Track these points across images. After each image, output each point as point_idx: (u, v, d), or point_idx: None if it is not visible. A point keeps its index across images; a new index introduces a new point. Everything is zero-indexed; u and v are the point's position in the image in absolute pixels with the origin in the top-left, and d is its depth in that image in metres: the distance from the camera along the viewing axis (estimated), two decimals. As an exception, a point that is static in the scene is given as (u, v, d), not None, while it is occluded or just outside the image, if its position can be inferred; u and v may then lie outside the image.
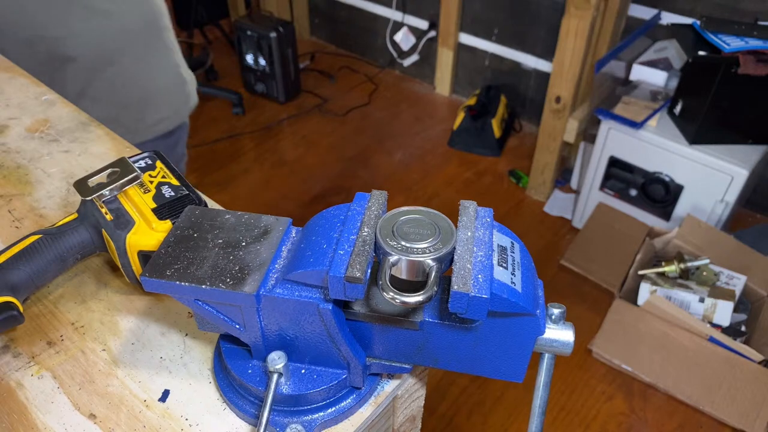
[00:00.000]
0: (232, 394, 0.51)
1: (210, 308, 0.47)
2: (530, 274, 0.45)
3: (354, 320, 0.47)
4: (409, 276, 0.42)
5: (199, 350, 0.56)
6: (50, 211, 0.71)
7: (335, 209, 0.47)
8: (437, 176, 2.70)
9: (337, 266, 0.41)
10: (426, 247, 0.42)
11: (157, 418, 0.51)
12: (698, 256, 2.00)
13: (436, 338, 0.47)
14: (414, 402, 0.58)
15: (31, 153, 0.80)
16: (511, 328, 0.45)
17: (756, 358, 1.78)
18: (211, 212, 0.51)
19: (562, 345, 0.47)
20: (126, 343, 0.57)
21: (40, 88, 0.93)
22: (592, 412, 1.78)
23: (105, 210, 0.57)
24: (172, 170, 0.62)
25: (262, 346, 0.48)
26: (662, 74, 2.19)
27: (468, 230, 0.44)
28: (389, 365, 0.50)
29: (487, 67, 2.98)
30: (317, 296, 0.44)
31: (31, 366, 0.55)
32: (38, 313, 0.59)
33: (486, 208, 0.47)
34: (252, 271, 0.45)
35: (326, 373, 0.49)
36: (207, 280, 0.44)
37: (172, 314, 0.60)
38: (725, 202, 2.00)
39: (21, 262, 0.56)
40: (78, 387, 0.53)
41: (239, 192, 2.54)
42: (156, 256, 0.46)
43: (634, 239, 2.17)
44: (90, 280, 0.63)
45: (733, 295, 1.89)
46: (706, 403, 1.75)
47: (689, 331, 1.85)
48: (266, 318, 0.46)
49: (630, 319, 1.93)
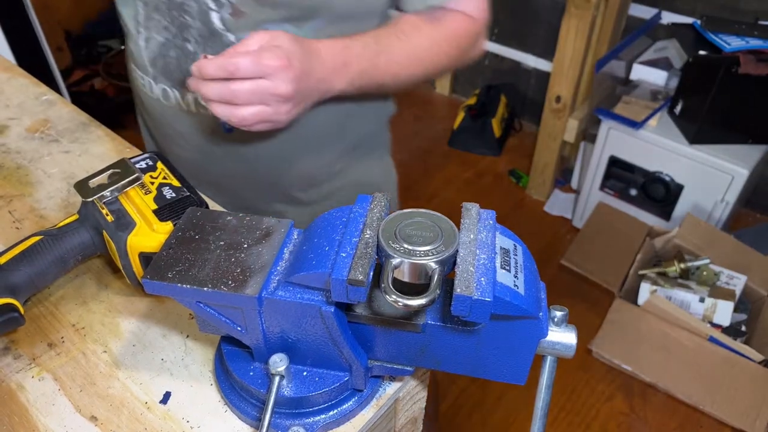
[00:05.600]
0: (233, 397, 0.51)
1: (212, 310, 0.46)
2: (533, 276, 0.45)
3: (356, 323, 0.47)
4: (412, 279, 0.42)
5: (201, 352, 0.56)
6: (51, 211, 0.71)
7: (337, 211, 0.47)
8: (437, 176, 2.70)
9: (339, 269, 0.41)
10: (428, 250, 0.42)
11: (159, 420, 0.51)
12: (698, 255, 2.00)
13: (439, 341, 0.47)
14: (415, 404, 0.58)
15: (31, 153, 0.80)
16: (513, 330, 0.45)
17: (756, 357, 1.78)
18: (212, 214, 0.51)
19: (564, 348, 0.46)
20: (127, 344, 0.57)
21: (40, 88, 0.93)
22: (592, 411, 1.78)
23: (106, 211, 0.57)
24: (173, 171, 0.61)
25: (264, 349, 0.48)
26: (662, 74, 2.18)
27: (470, 233, 0.44)
28: (391, 367, 0.50)
29: (487, 66, 2.98)
30: (319, 299, 0.44)
31: (31, 368, 0.55)
32: (39, 315, 0.59)
33: (488, 211, 0.47)
34: (254, 274, 0.45)
35: (328, 375, 0.49)
36: (209, 283, 0.44)
37: (174, 316, 0.60)
38: (725, 201, 2.00)
39: (22, 263, 0.56)
40: (79, 389, 0.53)
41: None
42: (157, 258, 0.46)
43: (634, 239, 2.16)
44: (91, 282, 0.63)
45: (733, 295, 1.89)
46: (706, 402, 1.75)
47: (689, 331, 1.85)
48: (268, 320, 0.46)
49: (630, 319, 1.92)
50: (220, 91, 0.64)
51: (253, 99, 0.64)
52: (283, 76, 0.64)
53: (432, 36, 0.81)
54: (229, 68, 0.62)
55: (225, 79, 0.63)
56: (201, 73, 0.64)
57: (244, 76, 0.63)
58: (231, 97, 0.64)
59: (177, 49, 0.79)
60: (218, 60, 0.63)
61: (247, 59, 0.62)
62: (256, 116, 0.65)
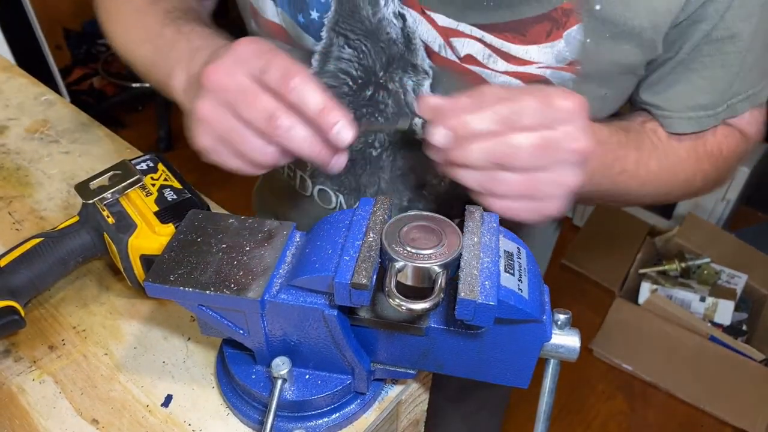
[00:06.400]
0: (235, 400, 0.51)
1: (214, 313, 0.46)
2: (536, 279, 0.44)
3: (359, 326, 0.47)
4: (415, 282, 0.42)
5: (202, 355, 0.56)
6: (51, 213, 0.71)
7: (340, 214, 0.47)
8: (437, 174, 2.69)
9: (342, 272, 0.41)
10: (432, 253, 0.42)
11: (160, 423, 0.51)
12: (699, 254, 2.00)
13: (442, 344, 0.46)
14: (417, 406, 0.58)
15: (31, 154, 0.80)
16: (517, 334, 0.44)
17: (757, 357, 1.78)
18: (214, 216, 0.50)
19: (567, 351, 0.46)
20: (128, 347, 0.57)
21: (39, 88, 0.93)
22: (593, 411, 1.78)
23: (107, 213, 0.56)
24: (174, 173, 0.61)
25: (266, 352, 0.48)
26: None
27: (474, 236, 0.44)
28: (394, 370, 0.50)
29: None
30: (322, 302, 0.44)
31: (32, 370, 0.54)
32: (39, 317, 0.59)
33: (491, 213, 0.46)
34: (256, 277, 0.45)
35: (330, 378, 0.49)
36: (211, 286, 0.44)
37: (175, 318, 0.59)
38: (726, 200, 2.00)
39: (22, 265, 0.56)
40: (80, 392, 0.53)
41: (240, 190, 2.53)
42: (159, 261, 0.46)
43: (634, 238, 2.16)
44: (92, 284, 0.63)
45: (734, 294, 1.89)
46: (706, 402, 1.75)
47: (690, 330, 1.85)
48: (270, 323, 0.46)
49: (631, 318, 1.92)
50: (492, 150, 0.44)
51: (540, 160, 0.44)
52: (579, 123, 0.45)
53: (694, 148, 0.63)
54: (508, 114, 0.43)
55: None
56: (463, 128, 0.44)
57: (528, 126, 0.44)
58: (508, 156, 0.44)
59: (355, 152, 0.63)
60: (481, 105, 0.44)
61: (533, 99, 0.44)
62: (542, 187, 0.45)
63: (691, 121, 0.61)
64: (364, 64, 0.60)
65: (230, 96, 0.45)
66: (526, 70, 0.56)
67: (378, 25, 0.58)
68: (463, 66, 0.57)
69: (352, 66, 0.61)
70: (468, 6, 0.55)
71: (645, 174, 0.60)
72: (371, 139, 0.63)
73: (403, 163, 0.59)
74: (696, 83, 0.60)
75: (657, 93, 0.62)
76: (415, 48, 0.58)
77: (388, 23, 0.57)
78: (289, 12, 0.60)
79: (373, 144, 0.63)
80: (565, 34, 0.54)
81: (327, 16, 0.59)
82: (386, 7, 0.57)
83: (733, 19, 0.55)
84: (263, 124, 0.44)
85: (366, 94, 0.62)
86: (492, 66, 0.56)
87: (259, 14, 0.63)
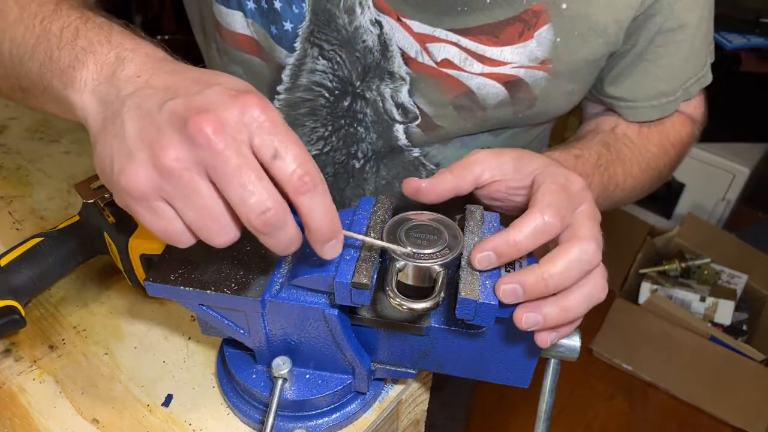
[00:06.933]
0: (236, 399, 0.51)
1: (214, 313, 0.46)
2: (537, 279, 0.44)
3: (359, 325, 0.47)
4: (416, 282, 0.42)
5: (203, 354, 0.56)
6: (51, 212, 0.71)
7: (340, 214, 0.47)
8: (437, 174, 2.69)
9: (343, 272, 0.41)
10: (433, 253, 0.42)
11: (161, 423, 0.50)
12: (699, 254, 2.00)
13: (442, 344, 0.46)
14: (418, 406, 0.58)
15: (31, 154, 0.80)
16: (517, 334, 0.44)
17: (757, 357, 1.78)
18: (214, 216, 0.50)
19: (568, 350, 0.46)
20: (128, 347, 0.57)
21: (40, 87, 0.93)
22: (593, 411, 1.78)
23: (107, 212, 0.56)
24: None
25: (267, 351, 0.48)
26: (663, 72, 2.18)
27: (475, 235, 0.44)
28: (394, 370, 0.50)
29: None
30: (323, 302, 0.44)
31: (32, 370, 0.54)
32: (40, 317, 0.59)
33: (492, 213, 0.46)
34: (257, 276, 0.45)
35: (331, 378, 0.49)
36: (211, 285, 0.44)
37: (175, 318, 0.59)
38: (727, 200, 2.00)
39: (22, 265, 0.56)
40: (80, 391, 0.53)
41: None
42: (160, 261, 0.46)
43: (634, 238, 2.16)
44: (92, 284, 0.63)
45: (734, 294, 1.89)
46: (706, 402, 1.75)
47: (690, 330, 1.85)
48: (271, 323, 0.46)
49: (631, 318, 1.92)
50: (557, 319, 0.42)
51: (586, 303, 0.44)
52: (599, 238, 0.45)
53: (661, 143, 0.69)
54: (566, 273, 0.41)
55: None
56: (520, 291, 0.40)
57: (583, 272, 0.43)
58: (567, 318, 0.43)
59: (337, 165, 0.63)
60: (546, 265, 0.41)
61: (593, 244, 0.43)
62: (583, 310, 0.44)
63: (655, 108, 0.67)
64: (339, 75, 0.61)
65: (221, 164, 0.34)
66: (501, 70, 0.59)
67: (354, 33, 0.58)
68: (440, 70, 0.59)
69: (326, 78, 0.61)
70: (443, 12, 0.57)
71: (632, 182, 0.65)
72: (353, 150, 0.63)
73: (387, 173, 0.59)
74: (654, 72, 0.64)
75: (620, 85, 0.66)
76: (391, 55, 0.59)
77: (364, 31, 0.58)
78: (261, 23, 0.60)
79: (355, 155, 0.63)
80: (536, 34, 0.57)
81: (301, 26, 0.59)
82: (362, 16, 0.58)
83: (681, 10, 0.61)
84: (252, 215, 0.35)
85: (344, 105, 0.62)
86: (468, 69, 0.59)
87: (223, 27, 0.62)
